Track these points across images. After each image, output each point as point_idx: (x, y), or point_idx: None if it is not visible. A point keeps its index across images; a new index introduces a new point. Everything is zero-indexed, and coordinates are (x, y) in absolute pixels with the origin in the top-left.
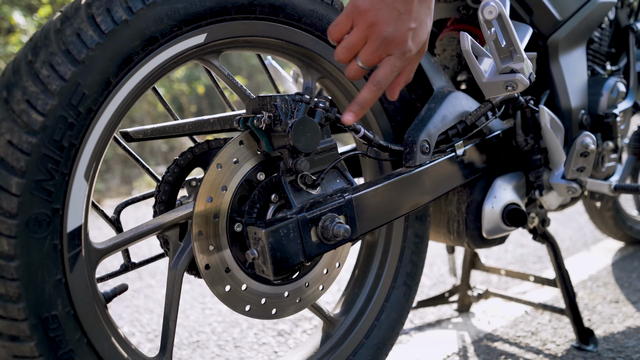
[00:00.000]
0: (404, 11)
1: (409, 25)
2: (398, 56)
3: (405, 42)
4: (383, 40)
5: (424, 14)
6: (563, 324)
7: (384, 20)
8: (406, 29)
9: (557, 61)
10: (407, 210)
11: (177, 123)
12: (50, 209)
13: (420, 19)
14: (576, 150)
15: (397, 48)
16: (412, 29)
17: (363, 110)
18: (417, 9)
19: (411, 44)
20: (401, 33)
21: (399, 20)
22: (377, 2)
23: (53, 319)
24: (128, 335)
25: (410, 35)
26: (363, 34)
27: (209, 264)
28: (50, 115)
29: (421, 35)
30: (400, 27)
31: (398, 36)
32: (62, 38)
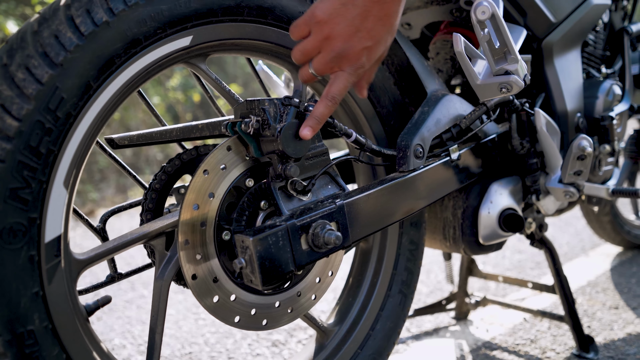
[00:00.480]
0: (362, 28)
1: (364, 43)
2: (351, 72)
3: (358, 59)
4: (336, 54)
5: (383, 32)
6: (562, 331)
7: (339, 35)
8: (361, 47)
9: (552, 64)
10: (402, 216)
11: (165, 129)
12: (26, 219)
13: (377, 38)
14: (573, 154)
15: (350, 65)
16: (367, 47)
17: (320, 124)
18: (375, 28)
19: (365, 61)
20: (355, 51)
21: (355, 37)
22: (335, 16)
23: (29, 335)
24: (119, 348)
25: (365, 54)
26: (317, 43)
27: (196, 274)
28: (26, 120)
29: (376, 53)
30: (355, 45)
31: (351, 53)
32: (39, 40)
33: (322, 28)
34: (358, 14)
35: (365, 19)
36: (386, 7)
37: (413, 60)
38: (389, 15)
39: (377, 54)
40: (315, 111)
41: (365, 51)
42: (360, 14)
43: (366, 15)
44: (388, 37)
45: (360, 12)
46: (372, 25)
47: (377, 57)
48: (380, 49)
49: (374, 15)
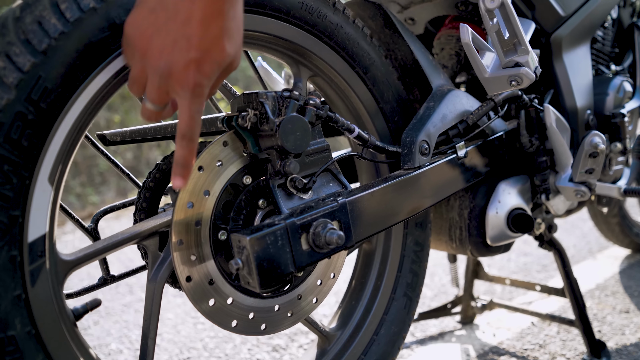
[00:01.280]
0: (180, 37)
1: (188, 55)
2: (186, 97)
3: (186, 78)
4: (160, 74)
5: (210, 38)
6: (572, 336)
7: (156, 50)
8: (186, 60)
9: (561, 59)
10: (406, 215)
11: (159, 125)
12: (6, 216)
13: (205, 47)
14: (585, 151)
15: (180, 86)
16: (194, 60)
17: (189, 169)
18: (200, 34)
19: (198, 77)
20: (180, 67)
21: (174, 49)
22: (146, 27)
23: (10, 341)
24: (116, 352)
25: (193, 69)
26: (139, 65)
27: (191, 276)
28: (7, 110)
29: (210, 65)
30: (177, 59)
31: (176, 71)
32: (21, 27)
33: (137, 46)
34: (170, 20)
35: (183, 25)
36: (204, 6)
37: (418, 55)
38: (213, 15)
39: (212, 66)
40: (176, 158)
41: (193, 65)
42: (173, 18)
43: (182, 20)
44: (222, 44)
45: (173, 17)
46: (193, 31)
47: (213, 70)
48: (215, 60)
49: (192, 19)
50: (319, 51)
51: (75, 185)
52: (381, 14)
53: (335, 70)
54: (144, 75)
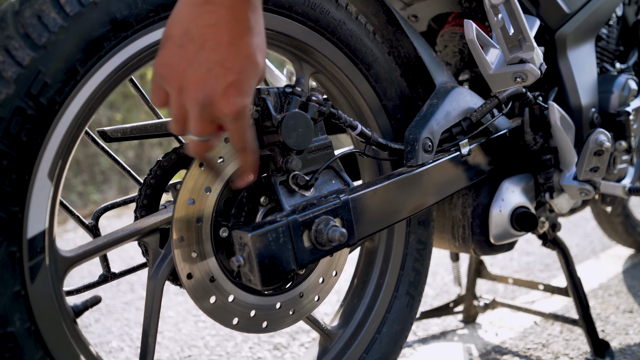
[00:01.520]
0: (214, 64)
1: (226, 80)
2: (233, 119)
3: (228, 102)
4: (201, 106)
5: (242, 58)
6: (575, 336)
7: (192, 83)
8: (224, 86)
9: (566, 56)
10: (409, 213)
11: (160, 122)
12: (5, 212)
13: (240, 67)
14: (589, 149)
15: (224, 112)
16: (231, 83)
17: (256, 171)
18: (232, 56)
19: (239, 99)
20: (218, 93)
21: (210, 77)
22: (177, 63)
23: (9, 337)
24: (117, 350)
25: (233, 91)
26: (177, 103)
27: (192, 273)
28: (5, 105)
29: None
30: (214, 86)
31: (216, 98)
32: (20, 21)
33: (170, 83)
34: (200, 49)
35: (214, 51)
36: (231, 28)
37: (421, 51)
38: (240, 34)
39: (250, 83)
40: (244, 165)
41: (232, 88)
42: (202, 48)
43: (211, 47)
44: (255, 59)
45: (202, 46)
46: (225, 55)
47: (252, 86)
48: (251, 77)
49: (221, 44)
50: (321, 47)
51: (76, 184)
52: (384, 10)
53: (338, 67)
54: (184, 112)
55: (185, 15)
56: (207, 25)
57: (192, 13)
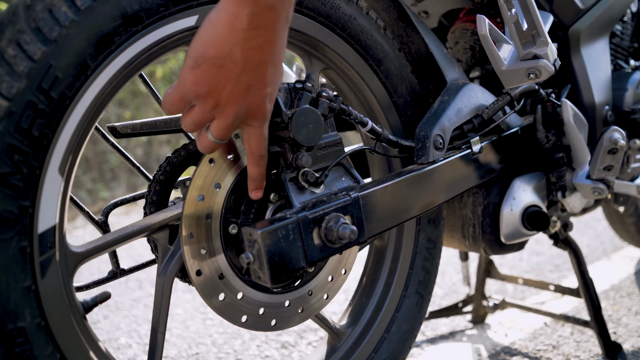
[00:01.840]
0: (255, 82)
1: (263, 93)
2: (260, 125)
3: (263, 110)
4: (235, 117)
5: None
6: (587, 337)
7: (231, 100)
8: (261, 97)
9: (579, 53)
10: (419, 211)
11: (170, 118)
12: (16, 207)
13: (276, 80)
14: (603, 147)
15: (256, 118)
16: (267, 94)
17: (263, 181)
18: (271, 73)
19: (269, 106)
20: (256, 105)
21: (249, 93)
22: (217, 82)
23: (19, 332)
24: (125, 347)
25: (267, 100)
26: (208, 114)
27: (201, 270)
28: (17, 99)
29: (276, 92)
30: (253, 100)
31: (253, 109)
32: (32, 15)
33: (206, 100)
34: (243, 70)
35: (256, 70)
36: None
37: (432, 48)
38: (280, 54)
39: (277, 90)
40: (250, 174)
41: (268, 98)
42: (245, 68)
43: (254, 67)
44: (282, 68)
45: (245, 66)
46: (266, 73)
47: (277, 93)
48: (279, 84)
49: (264, 64)
50: (331, 43)
51: (86, 181)
52: (395, 6)
53: (348, 63)
54: (209, 119)
55: (229, 39)
56: (251, 48)
57: (237, 37)
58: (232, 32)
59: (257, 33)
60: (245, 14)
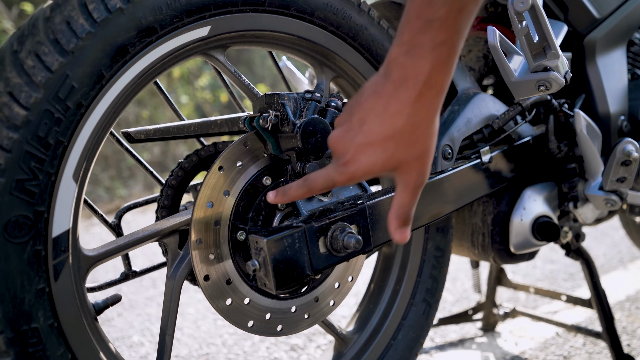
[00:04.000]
0: (356, 122)
1: (355, 139)
2: (334, 166)
3: (344, 153)
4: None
5: (385, 131)
6: (599, 349)
7: (336, 132)
8: (352, 144)
9: (595, 62)
10: (427, 220)
11: (183, 124)
12: (32, 212)
13: (372, 135)
14: (617, 159)
15: (336, 156)
16: (359, 146)
17: (286, 199)
18: (370, 121)
19: (351, 160)
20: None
21: (348, 133)
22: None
23: (33, 332)
24: (137, 345)
25: (351, 149)
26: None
27: (209, 275)
28: (34, 109)
29: (363, 159)
30: (344, 139)
31: (339, 147)
32: (50, 26)
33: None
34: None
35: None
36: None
37: None
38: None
39: (366, 160)
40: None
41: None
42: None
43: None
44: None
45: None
46: (364, 116)
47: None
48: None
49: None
50: (342, 52)
51: (104, 179)
52: None
53: (359, 72)
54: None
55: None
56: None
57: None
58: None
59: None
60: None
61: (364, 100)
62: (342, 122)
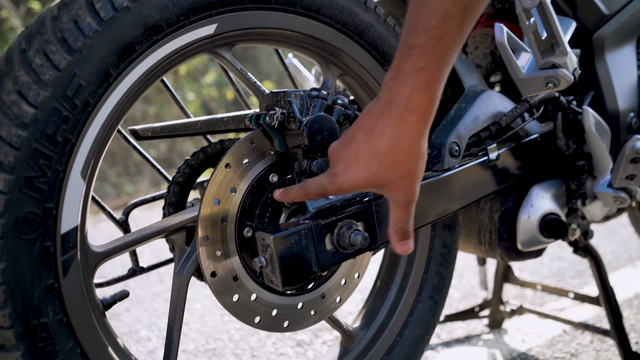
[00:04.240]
0: (349, 137)
1: (345, 153)
2: (326, 175)
3: (335, 164)
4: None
5: (369, 150)
6: (607, 347)
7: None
8: (342, 157)
9: (604, 59)
10: (434, 218)
11: (189, 121)
12: (41, 208)
13: (358, 152)
14: (626, 156)
15: (330, 166)
16: (346, 159)
17: (287, 199)
18: (359, 138)
19: (340, 172)
20: (335, 155)
21: (341, 146)
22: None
23: (42, 327)
24: (144, 340)
25: (341, 161)
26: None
27: (216, 271)
28: (43, 107)
29: (349, 172)
30: (338, 151)
31: (333, 157)
32: (58, 25)
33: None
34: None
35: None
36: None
37: None
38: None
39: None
40: (291, 189)
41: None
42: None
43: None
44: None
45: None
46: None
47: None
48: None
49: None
50: (349, 50)
51: (111, 175)
52: None
53: (365, 69)
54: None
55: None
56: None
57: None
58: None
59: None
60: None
61: (359, 118)
62: (344, 135)
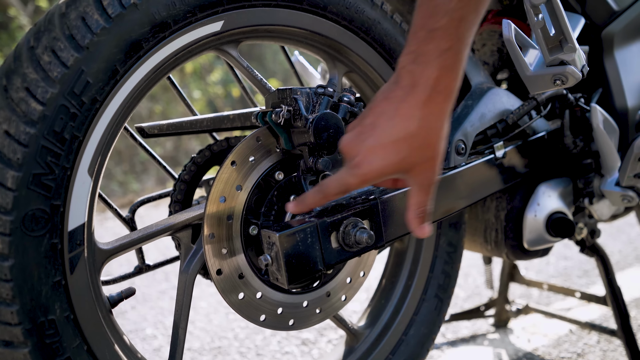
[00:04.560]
0: (368, 126)
1: (367, 142)
2: (346, 169)
3: (355, 155)
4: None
5: (397, 134)
6: (614, 347)
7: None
8: (364, 146)
9: (612, 56)
10: (440, 216)
11: (196, 119)
12: (48, 206)
13: (384, 137)
14: (634, 154)
15: (348, 159)
16: (370, 148)
17: (305, 208)
18: (382, 124)
19: (363, 161)
20: (353, 146)
21: (359, 136)
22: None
23: (50, 324)
24: (150, 338)
25: (363, 151)
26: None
27: (221, 269)
28: (51, 104)
29: (375, 160)
30: (355, 141)
31: (350, 150)
32: (66, 22)
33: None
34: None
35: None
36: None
37: None
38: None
39: (375, 163)
40: (305, 196)
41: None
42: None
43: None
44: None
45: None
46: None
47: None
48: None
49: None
50: (355, 47)
51: (117, 173)
52: None
53: (372, 67)
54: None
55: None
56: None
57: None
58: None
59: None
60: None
61: (375, 106)
62: (353, 127)
